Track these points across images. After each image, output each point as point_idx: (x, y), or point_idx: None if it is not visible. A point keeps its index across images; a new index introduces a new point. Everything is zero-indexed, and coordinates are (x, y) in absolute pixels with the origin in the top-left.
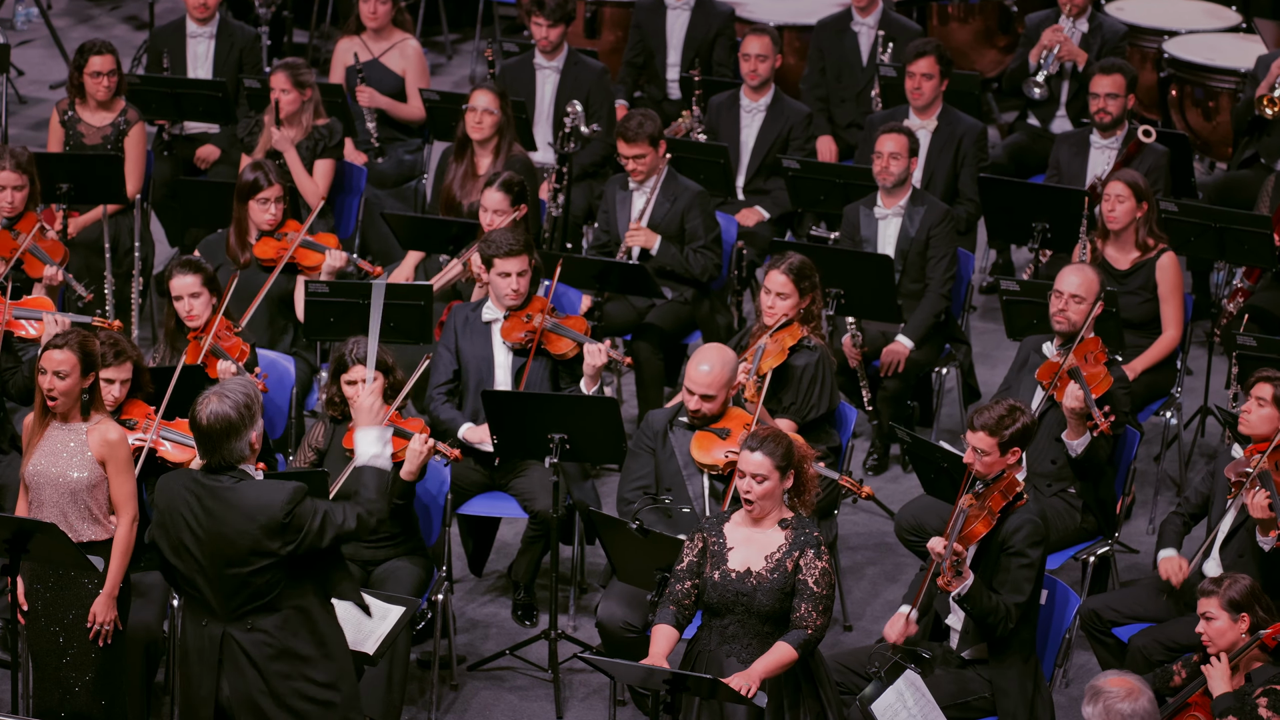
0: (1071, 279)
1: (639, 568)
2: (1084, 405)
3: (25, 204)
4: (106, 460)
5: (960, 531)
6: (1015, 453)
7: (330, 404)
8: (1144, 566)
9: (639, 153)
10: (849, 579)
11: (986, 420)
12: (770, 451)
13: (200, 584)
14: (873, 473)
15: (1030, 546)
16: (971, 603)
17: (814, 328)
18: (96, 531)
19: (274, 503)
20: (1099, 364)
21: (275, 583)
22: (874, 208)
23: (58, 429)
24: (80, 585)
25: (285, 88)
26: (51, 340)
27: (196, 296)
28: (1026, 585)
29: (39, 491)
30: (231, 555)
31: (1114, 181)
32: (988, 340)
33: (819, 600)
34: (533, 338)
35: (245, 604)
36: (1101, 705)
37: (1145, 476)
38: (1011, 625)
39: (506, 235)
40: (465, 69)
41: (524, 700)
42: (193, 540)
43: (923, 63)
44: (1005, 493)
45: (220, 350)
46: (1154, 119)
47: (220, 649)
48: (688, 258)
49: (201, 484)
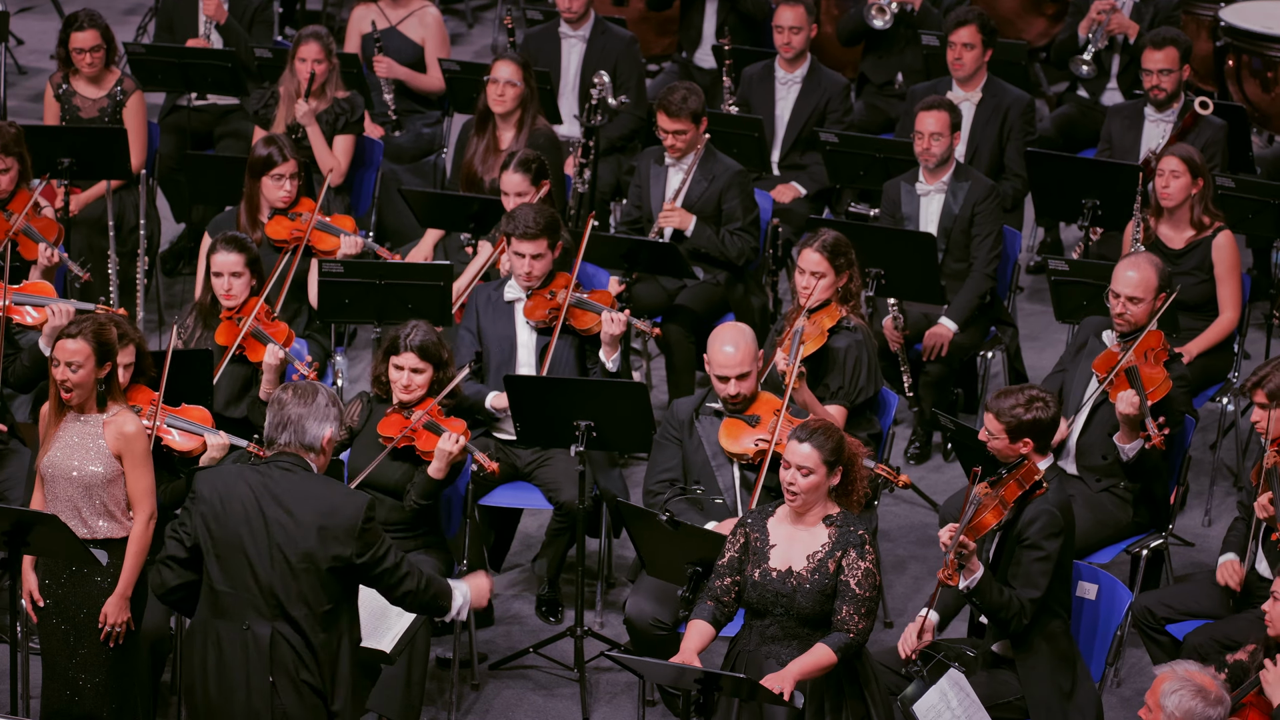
0: (1128, 277)
1: (669, 562)
2: (1139, 412)
3: (16, 184)
4: (123, 454)
5: (970, 522)
6: (1026, 443)
7: (376, 382)
8: (1200, 561)
9: (680, 128)
10: (890, 573)
11: (999, 404)
12: (819, 444)
13: (248, 582)
14: (914, 462)
15: (1046, 539)
16: (981, 596)
17: (853, 307)
18: (112, 528)
19: (350, 506)
20: (1159, 364)
21: (334, 596)
22: (915, 183)
23: (73, 421)
24: (93, 583)
25: (319, 57)
26: (65, 329)
27: (238, 276)
28: (1042, 579)
29: (53, 485)
30: (296, 548)
31: (1168, 156)
32: (1035, 323)
33: (861, 603)
34: (556, 315)
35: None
36: (1193, 700)
37: (1200, 465)
38: (1026, 620)
39: (529, 215)
40: (487, 38)
41: (548, 700)
42: (247, 531)
43: (964, 32)
44: (1022, 481)
45: (263, 334)
46: (1210, 90)
47: (271, 649)
48: (724, 240)
49: (268, 472)
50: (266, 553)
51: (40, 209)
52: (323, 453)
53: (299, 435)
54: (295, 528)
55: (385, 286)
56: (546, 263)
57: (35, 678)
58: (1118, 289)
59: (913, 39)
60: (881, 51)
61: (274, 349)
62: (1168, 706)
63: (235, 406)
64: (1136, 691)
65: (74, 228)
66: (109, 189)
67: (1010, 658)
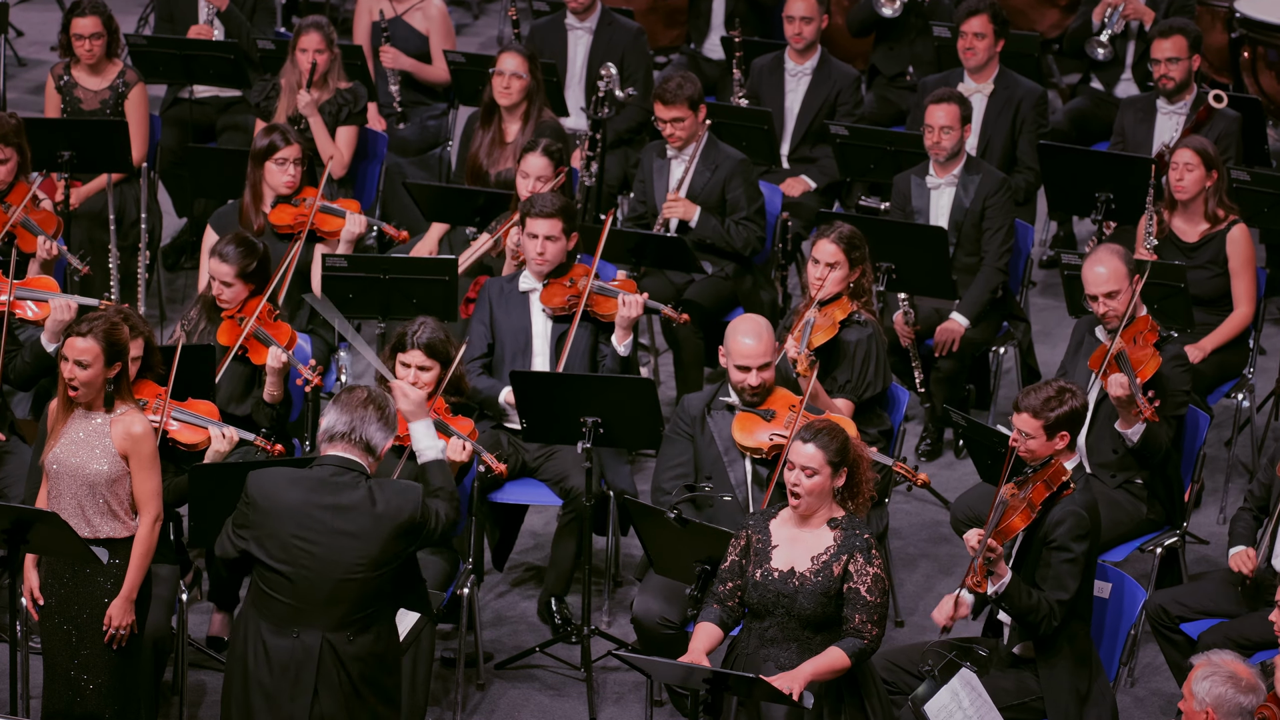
0: (1097, 274)
1: (677, 560)
2: (1130, 392)
3: (14, 175)
4: (129, 454)
5: (997, 525)
6: (1064, 437)
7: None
8: (1214, 559)
9: (678, 115)
10: (901, 571)
11: (1032, 402)
12: (824, 445)
13: (304, 590)
14: (925, 459)
15: (1074, 540)
16: (1009, 601)
17: (864, 303)
18: (115, 528)
19: (407, 503)
20: (1148, 345)
21: (386, 592)
22: (926, 177)
23: (80, 418)
24: (96, 584)
25: (320, 47)
26: (75, 327)
27: (228, 285)
28: (1071, 581)
29: (57, 482)
30: (354, 559)
31: (1182, 149)
32: (1048, 318)
33: (874, 609)
34: (576, 302)
35: (352, 611)
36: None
37: (1215, 463)
38: (1055, 623)
39: (548, 196)
40: (493, 29)
41: (555, 700)
42: (302, 542)
43: (975, 21)
44: (1050, 483)
45: (266, 335)
46: (1225, 82)
47: (319, 660)
48: (729, 230)
49: (323, 481)
50: (327, 560)
51: (39, 202)
52: (378, 460)
53: (365, 437)
54: (358, 531)
55: (389, 281)
56: (560, 248)
57: (35, 677)
58: (1093, 290)
59: (924, 30)
60: (892, 43)
61: (276, 352)
62: (1199, 693)
63: (238, 404)
64: (1151, 691)
65: (74, 222)
66: (110, 182)
67: (1030, 658)
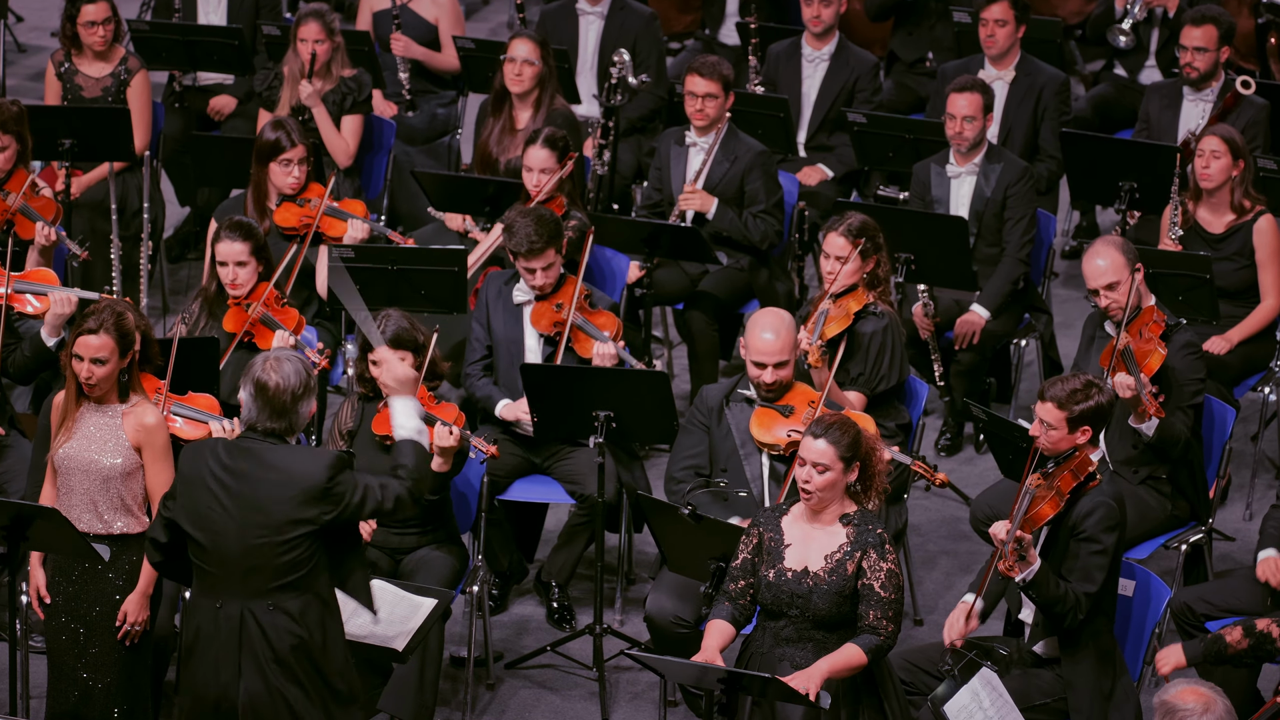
0: (1097, 267)
1: (692, 557)
2: (1135, 392)
3: (14, 163)
4: (143, 446)
5: (1025, 514)
6: (1086, 432)
7: (360, 380)
8: (1240, 556)
9: (711, 91)
10: (920, 569)
11: (1057, 393)
12: (835, 440)
13: (221, 558)
14: (945, 454)
15: (1104, 532)
16: (1037, 590)
17: (881, 294)
18: (129, 523)
19: (316, 468)
20: (1154, 337)
21: (305, 561)
22: (946, 165)
23: (91, 411)
24: (106, 580)
25: (319, 37)
26: (83, 324)
27: (243, 265)
28: (1098, 574)
29: (68, 478)
30: (263, 521)
31: (1208, 137)
32: (1071, 310)
33: (888, 606)
34: (560, 330)
35: (270, 580)
36: None
37: (1242, 457)
38: (1081, 616)
39: (528, 229)
40: (502, 15)
41: (566, 700)
42: (219, 507)
43: (996, 8)
44: (1076, 472)
45: (273, 320)
46: (1252, 69)
47: (240, 630)
48: (747, 223)
49: (235, 446)
50: (239, 524)
51: (38, 189)
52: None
53: (292, 423)
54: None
55: (397, 272)
56: (557, 269)
57: (35, 677)
58: (1093, 284)
59: (944, 14)
60: (911, 28)
61: (283, 335)
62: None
63: None
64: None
65: (75, 211)
66: (111, 171)
67: (1055, 657)
